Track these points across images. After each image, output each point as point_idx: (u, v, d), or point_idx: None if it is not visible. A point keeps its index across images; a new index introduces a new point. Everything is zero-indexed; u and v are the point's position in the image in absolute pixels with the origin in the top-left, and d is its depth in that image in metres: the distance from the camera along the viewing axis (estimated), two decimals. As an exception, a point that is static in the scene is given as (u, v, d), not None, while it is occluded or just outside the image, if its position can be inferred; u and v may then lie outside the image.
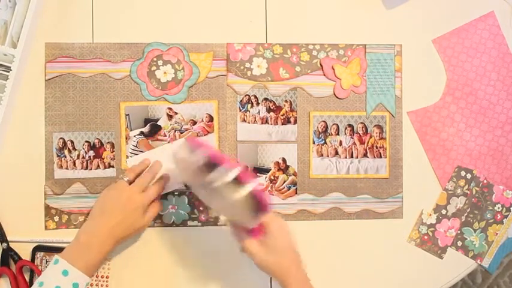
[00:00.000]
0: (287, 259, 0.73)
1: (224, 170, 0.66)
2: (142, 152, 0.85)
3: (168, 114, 0.86)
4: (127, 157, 0.85)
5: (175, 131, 0.86)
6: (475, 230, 0.90)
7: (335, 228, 0.88)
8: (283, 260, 0.73)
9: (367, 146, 0.89)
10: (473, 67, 0.91)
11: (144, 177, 0.80)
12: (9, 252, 0.83)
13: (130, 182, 0.79)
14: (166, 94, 0.86)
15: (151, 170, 0.81)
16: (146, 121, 0.86)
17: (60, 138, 0.85)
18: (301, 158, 0.88)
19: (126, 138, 0.85)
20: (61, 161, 0.85)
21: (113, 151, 0.85)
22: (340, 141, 0.89)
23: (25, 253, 0.83)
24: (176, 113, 0.86)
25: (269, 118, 0.88)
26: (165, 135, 0.86)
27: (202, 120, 0.87)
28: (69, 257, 0.73)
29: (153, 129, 0.86)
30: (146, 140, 0.86)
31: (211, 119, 0.87)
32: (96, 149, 0.85)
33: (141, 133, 0.86)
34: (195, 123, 0.86)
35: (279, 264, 0.73)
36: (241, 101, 0.87)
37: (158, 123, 0.86)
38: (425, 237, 0.90)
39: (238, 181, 0.65)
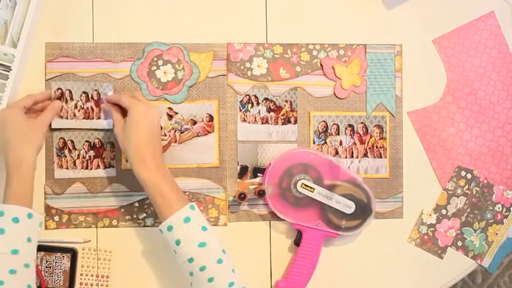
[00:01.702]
0: (143, 144, 0.75)
1: None
2: None
3: (168, 114, 0.86)
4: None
5: (175, 131, 0.86)
6: (475, 230, 0.90)
7: (335, 228, 0.88)
8: (139, 144, 0.75)
9: (367, 146, 0.89)
10: (473, 67, 0.91)
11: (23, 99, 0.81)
12: (9, 252, 0.83)
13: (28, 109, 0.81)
14: (167, 94, 0.86)
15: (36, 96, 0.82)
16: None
17: (61, 138, 0.85)
18: (301, 158, 0.88)
19: (126, 138, 0.85)
20: (61, 160, 0.85)
21: (113, 151, 0.85)
22: (341, 141, 0.89)
23: (25, 253, 0.83)
24: (176, 113, 0.86)
25: (269, 118, 0.88)
26: (165, 135, 0.86)
27: (202, 120, 0.87)
28: (4, 200, 0.74)
29: (153, 129, 0.85)
30: (146, 139, 0.85)
31: (211, 118, 0.87)
32: (97, 148, 0.85)
33: (141, 133, 0.85)
34: (195, 123, 0.86)
35: (135, 148, 0.75)
36: (241, 101, 0.87)
37: (158, 123, 0.86)
38: (426, 237, 0.90)
39: None
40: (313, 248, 0.84)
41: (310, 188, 0.83)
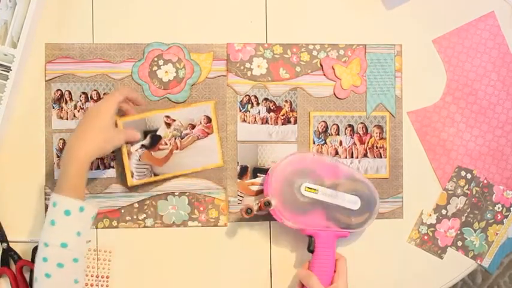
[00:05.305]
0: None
1: None
2: (146, 164, 0.84)
3: (166, 123, 0.85)
4: (132, 173, 0.83)
5: (175, 138, 0.86)
6: (475, 230, 0.90)
7: (335, 228, 0.88)
8: None
9: (367, 146, 0.89)
10: (473, 67, 0.91)
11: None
12: (9, 252, 0.83)
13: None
14: (169, 93, 0.86)
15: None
16: (145, 133, 0.84)
17: (61, 138, 0.85)
18: (301, 158, 0.88)
19: (128, 154, 0.83)
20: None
21: (113, 151, 0.85)
22: (340, 141, 0.89)
23: (25, 253, 0.83)
24: (174, 120, 0.85)
25: (269, 118, 0.88)
26: (166, 144, 0.85)
27: (200, 123, 0.86)
28: (57, 189, 0.73)
29: (153, 140, 0.84)
30: (149, 152, 0.84)
31: (209, 120, 0.86)
32: (96, 149, 0.85)
33: (142, 146, 0.84)
34: (194, 126, 0.86)
35: None
36: (241, 101, 0.87)
37: (158, 133, 0.84)
38: (426, 237, 0.90)
39: None
40: (328, 251, 0.82)
41: (314, 189, 0.82)
